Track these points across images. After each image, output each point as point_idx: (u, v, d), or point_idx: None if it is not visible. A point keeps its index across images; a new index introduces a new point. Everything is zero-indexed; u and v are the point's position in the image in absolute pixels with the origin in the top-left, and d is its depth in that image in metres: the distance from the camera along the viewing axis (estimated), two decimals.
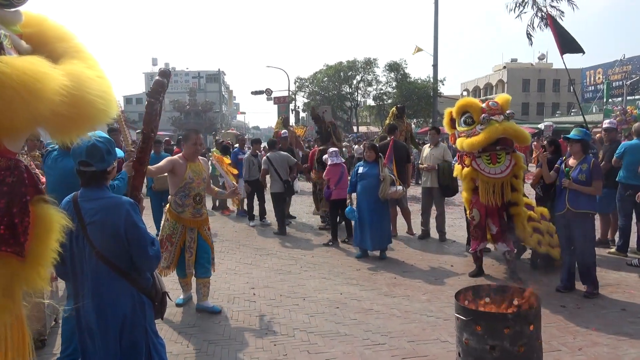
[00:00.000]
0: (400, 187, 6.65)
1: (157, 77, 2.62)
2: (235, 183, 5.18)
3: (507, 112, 5.15)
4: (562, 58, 10.57)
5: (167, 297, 2.74)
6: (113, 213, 2.37)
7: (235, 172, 6.36)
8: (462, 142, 5.26)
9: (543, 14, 16.02)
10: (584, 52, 10.67)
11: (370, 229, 6.48)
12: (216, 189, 5.15)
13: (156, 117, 2.59)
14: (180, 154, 4.66)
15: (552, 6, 15.68)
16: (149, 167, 4.36)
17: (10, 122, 1.33)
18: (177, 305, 4.83)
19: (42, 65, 1.38)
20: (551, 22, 11.69)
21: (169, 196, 4.66)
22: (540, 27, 16.72)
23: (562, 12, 15.45)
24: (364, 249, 6.67)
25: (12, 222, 1.48)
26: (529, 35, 17.41)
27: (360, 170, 6.66)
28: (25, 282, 1.53)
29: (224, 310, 4.77)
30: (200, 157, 4.73)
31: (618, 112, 17.65)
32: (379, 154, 6.66)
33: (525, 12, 16.96)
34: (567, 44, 10.70)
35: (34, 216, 1.54)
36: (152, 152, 7.21)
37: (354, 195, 6.93)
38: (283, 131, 11.22)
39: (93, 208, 2.38)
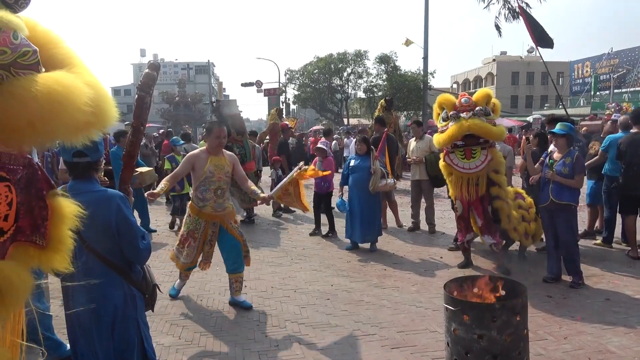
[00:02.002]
0: (391, 180, 6.66)
1: (147, 70, 2.60)
2: (274, 193, 4.88)
3: (477, 108, 5.09)
4: (538, 50, 10.65)
5: (157, 290, 2.75)
6: (104, 207, 2.37)
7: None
8: (435, 138, 5.49)
9: (511, 6, 16.23)
10: (553, 46, 10.77)
11: (360, 222, 6.51)
12: (252, 187, 4.56)
13: (147, 110, 2.58)
14: (204, 148, 4.52)
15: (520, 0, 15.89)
16: (166, 179, 4.31)
17: (53, 131, 1.49)
18: (172, 296, 4.82)
19: (74, 80, 1.54)
20: (523, 15, 11.75)
21: (191, 191, 4.48)
22: (508, 20, 16.96)
23: (528, 5, 15.61)
24: (354, 241, 6.72)
25: (31, 215, 1.62)
26: (497, 27, 17.61)
27: (352, 163, 6.68)
28: (47, 265, 1.68)
29: (214, 302, 4.78)
30: (227, 152, 4.55)
31: (612, 109, 17.84)
32: (370, 147, 6.66)
33: (493, 4, 17.16)
34: (541, 37, 10.78)
35: (50, 208, 1.68)
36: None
37: (344, 187, 6.97)
38: (285, 122, 11.27)
39: (83, 201, 2.36)
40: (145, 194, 4.16)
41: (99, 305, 2.40)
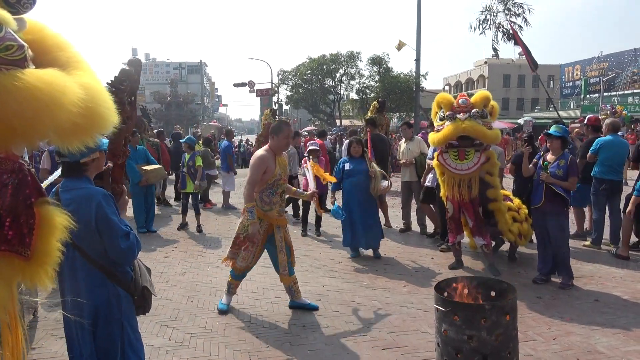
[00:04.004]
0: (387, 182, 6.44)
1: (123, 66, 2.55)
2: (314, 187, 4.92)
3: (474, 110, 5.09)
4: (537, 73, 11.06)
5: (149, 292, 2.69)
6: (84, 204, 2.36)
7: (333, 179, 5.86)
8: (430, 136, 5.49)
9: (505, 29, 16.71)
10: (535, 69, 11.53)
11: (362, 228, 6.22)
12: (294, 188, 4.82)
13: (122, 106, 2.48)
14: (266, 147, 4.30)
15: (510, 21, 16.36)
16: (245, 192, 4.13)
17: (34, 131, 1.43)
18: (221, 311, 4.51)
19: (63, 78, 1.50)
20: (517, 36, 12.23)
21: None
22: (504, 40, 17.45)
23: (521, 27, 16.03)
24: (356, 248, 6.42)
25: (17, 223, 1.55)
26: (494, 50, 18.07)
27: (347, 166, 6.34)
28: (31, 280, 1.60)
29: (205, 303, 4.76)
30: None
31: (608, 112, 18.02)
32: (364, 149, 6.44)
33: (488, 29, 17.69)
34: (533, 59, 11.31)
35: (38, 217, 1.61)
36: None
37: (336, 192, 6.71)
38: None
39: (68, 198, 2.38)
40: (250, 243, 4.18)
41: (81, 303, 2.39)
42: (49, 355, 3.68)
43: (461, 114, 5.08)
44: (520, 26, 16.67)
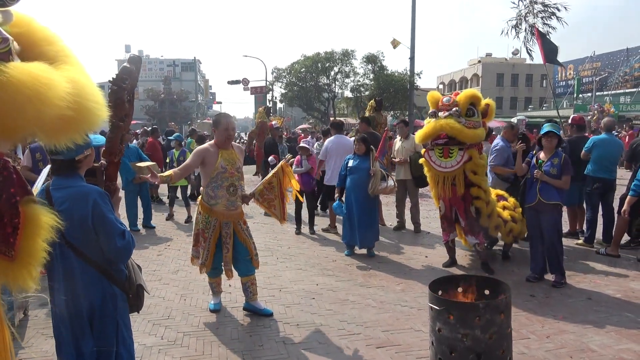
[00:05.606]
0: (391, 182, 6.35)
1: (124, 64, 2.52)
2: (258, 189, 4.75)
3: (454, 109, 5.06)
4: (545, 66, 11.30)
5: (143, 291, 2.68)
6: (79, 203, 2.33)
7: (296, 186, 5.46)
8: (417, 134, 5.55)
9: (534, 29, 16.82)
10: (563, 66, 11.81)
11: (358, 226, 6.21)
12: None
13: (123, 105, 2.46)
14: (212, 141, 4.28)
15: (545, 24, 16.48)
16: (176, 170, 4.17)
17: (17, 126, 1.37)
18: (211, 311, 4.49)
19: (50, 72, 1.44)
20: (537, 34, 12.53)
21: (201, 187, 4.30)
22: (533, 42, 17.47)
23: (555, 29, 16.10)
24: (352, 245, 6.43)
25: (1, 223, 1.50)
26: (529, 51, 18.19)
27: (350, 163, 6.36)
28: (14, 281, 1.55)
29: (198, 301, 4.73)
30: (234, 144, 4.31)
31: (596, 111, 18.13)
32: (370, 147, 6.38)
33: (521, 32, 17.79)
34: (551, 55, 11.55)
35: (23, 217, 1.56)
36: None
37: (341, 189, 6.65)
38: (274, 122, 11.19)
39: (61, 197, 2.35)
40: (149, 176, 3.87)
41: (75, 302, 2.36)
42: (40, 355, 3.63)
43: (442, 112, 5.10)
44: (554, 27, 16.91)
